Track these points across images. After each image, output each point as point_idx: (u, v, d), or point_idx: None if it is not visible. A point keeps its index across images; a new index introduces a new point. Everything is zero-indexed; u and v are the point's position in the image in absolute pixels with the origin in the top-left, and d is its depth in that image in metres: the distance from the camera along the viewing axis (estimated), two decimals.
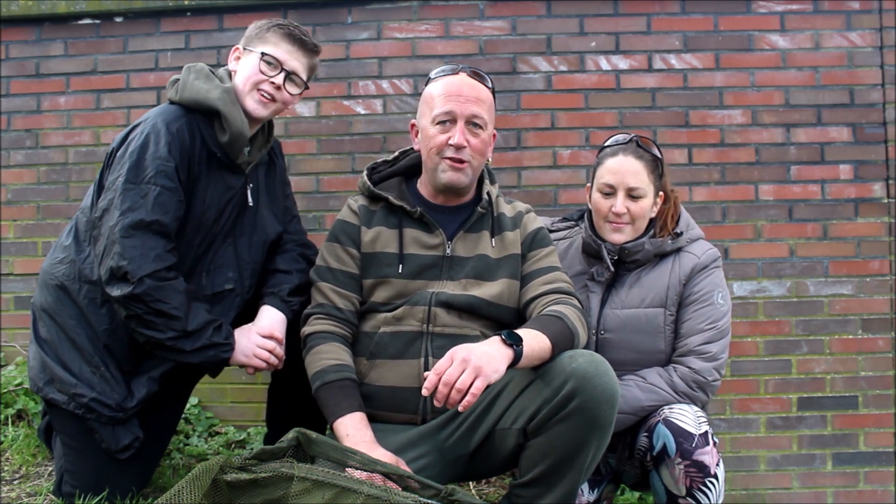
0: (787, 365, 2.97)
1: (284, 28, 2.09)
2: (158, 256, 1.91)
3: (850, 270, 2.99)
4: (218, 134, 2.05)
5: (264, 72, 2.06)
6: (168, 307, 1.90)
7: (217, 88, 2.04)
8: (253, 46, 2.09)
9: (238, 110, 2.04)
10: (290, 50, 2.09)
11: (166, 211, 1.94)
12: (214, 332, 1.97)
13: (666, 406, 2.02)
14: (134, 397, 2.04)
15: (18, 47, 3.16)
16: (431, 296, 1.94)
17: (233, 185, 2.11)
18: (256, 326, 2.06)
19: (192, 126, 2.02)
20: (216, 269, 2.11)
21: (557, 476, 1.74)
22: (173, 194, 1.95)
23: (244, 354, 2.02)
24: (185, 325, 1.92)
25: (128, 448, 2.04)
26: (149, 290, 1.88)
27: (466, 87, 1.98)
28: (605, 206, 2.16)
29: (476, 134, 1.97)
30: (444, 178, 1.99)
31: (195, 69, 2.11)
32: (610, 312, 2.15)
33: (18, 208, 3.14)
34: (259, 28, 2.12)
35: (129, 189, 1.93)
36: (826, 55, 3.03)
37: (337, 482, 1.58)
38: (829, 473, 2.96)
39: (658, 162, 2.18)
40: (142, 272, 1.88)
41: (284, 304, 2.10)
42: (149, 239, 1.91)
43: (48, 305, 2.08)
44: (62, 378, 2.02)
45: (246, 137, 2.06)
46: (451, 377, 1.57)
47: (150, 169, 1.93)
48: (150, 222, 1.91)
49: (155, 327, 1.92)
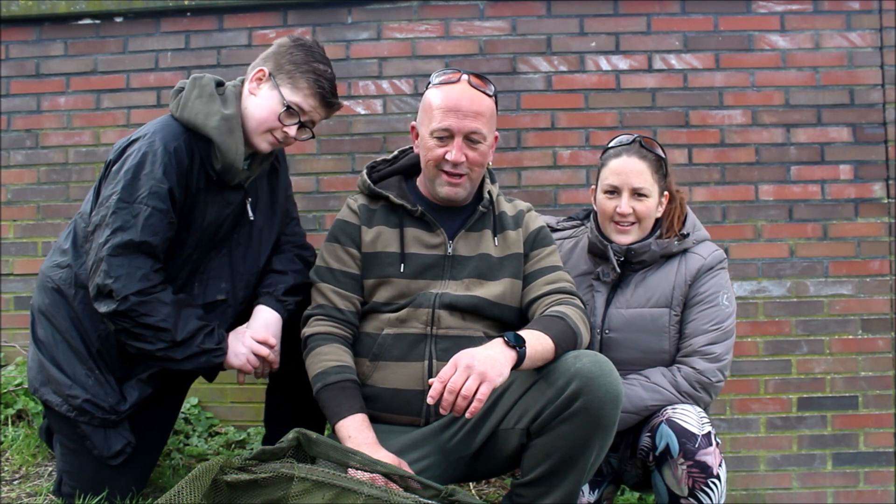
0: (787, 365, 2.98)
1: (319, 83, 2.01)
2: (145, 276, 1.91)
3: (850, 270, 2.99)
4: (213, 159, 2.02)
5: (282, 120, 2.02)
6: (155, 320, 1.90)
7: (216, 115, 1.99)
8: (281, 83, 2.01)
9: (234, 140, 2.00)
10: (315, 105, 2.04)
11: (156, 232, 1.93)
12: (206, 338, 1.97)
13: (669, 406, 2.02)
14: (126, 401, 2.04)
15: (18, 47, 3.15)
16: (435, 297, 1.94)
17: (232, 201, 2.09)
18: (251, 330, 2.05)
19: (190, 146, 1.99)
20: (209, 280, 2.10)
21: (560, 476, 1.74)
22: (164, 216, 1.94)
23: (238, 359, 2.02)
24: (174, 335, 1.92)
25: (120, 454, 2.04)
26: (133, 307, 1.89)
27: (466, 99, 1.94)
28: (609, 207, 2.15)
29: (474, 148, 1.96)
30: (441, 192, 2.00)
31: (200, 84, 2.04)
32: (615, 312, 2.15)
33: (18, 208, 3.14)
34: (294, 62, 2.02)
35: (121, 208, 1.92)
36: (826, 55, 3.03)
37: (337, 482, 1.58)
38: (829, 473, 2.96)
39: (662, 162, 2.18)
40: (126, 291, 1.88)
41: (279, 304, 2.09)
42: (136, 259, 1.91)
43: (45, 307, 2.08)
44: (57, 379, 2.03)
45: (238, 168, 2.03)
46: (455, 384, 1.58)
47: (143, 189, 1.92)
48: (138, 243, 1.91)
49: (144, 339, 1.92)
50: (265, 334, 2.04)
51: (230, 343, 2.02)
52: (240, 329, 2.06)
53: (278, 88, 2.01)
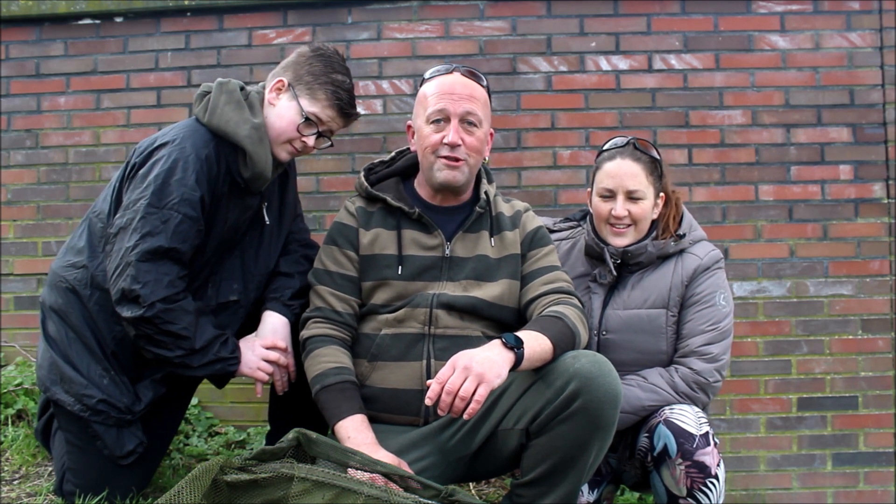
0: (787, 365, 2.98)
1: (338, 95, 2.04)
2: (171, 283, 1.92)
3: (850, 271, 2.99)
4: (241, 167, 2.04)
5: (301, 131, 2.05)
6: (177, 328, 1.91)
7: (247, 123, 2.00)
8: (300, 94, 2.04)
9: (264, 149, 2.03)
10: (333, 116, 2.07)
11: (185, 240, 1.93)
12: (221, 346, 1.99)
13: (667, 406, 2.02)
14: (141, 401, 2.05)
15: (18, 47, 3.16)
16: (433, 297, 1.94)
17: (250, 206, 2.12)
18: (259, 337, 2.07)
19: (219, 153, 2.01)
20: (222, 281, 2.11)
21: (559, 476, 1.74)
22: (194, 223, 1.95)
23: (249, 367, 2.03)
24: (193, 343, 1.93)
25: (132, 453, 2.05)
26: (159, 314, 1.89)
27: (459, 85, 1.97)
28: (605, 210, 2.16)
29: (471, 132, 1.97)
30: (440, 177, 1.98)
31: (227, 89, 2.04)
32: (612, 313, 2.15)
33: (18, 208, 3.14)
34: (313, 74, 2.04)
35: (150, 213, 1.91)
36: (826, 55, 3.03)
37: (337, 483, 1.58)
38: (829, 474, 2.96)
39: (657, 163, 2.18)
40: (154, 297, 1.88)
41: (287, 309, 2.10)
42: (164, 265, 1.91)
43: (58, 306, 2.08)
44: (72, 378, 2.02)
45: (267, 177, 2.06)
46: (453, 385, 1.58)
47: (175, 196, 1.92)
48: (168, 249, 1.91)
49: (164, 346, 1.93)
50: (273, 339, 2.06)
51: (242, 351, 2.03)
52: (249, 337, 2.07)
53: (297, 99, 2.04)
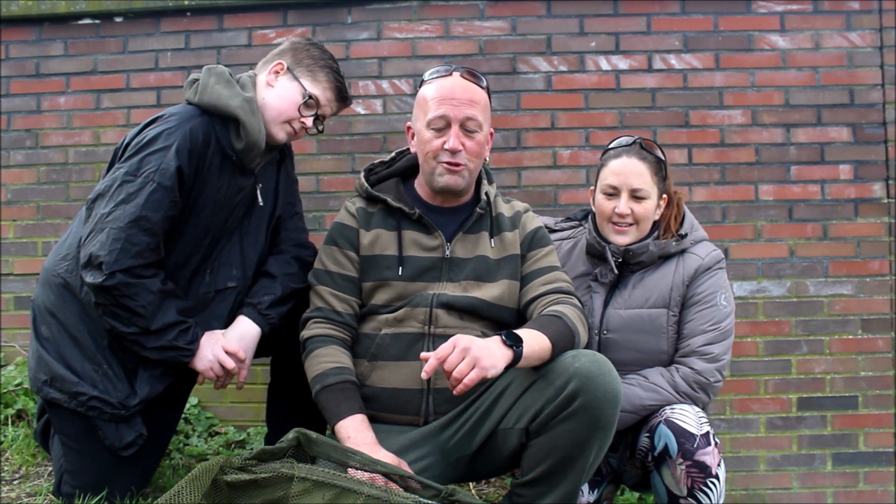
0: (787, 365, 2.98)
1: (337, 79, 2.12)
2: (139, 253, 1.91)
3: (850, 270, 2.99)
4: (234, 140, 2.05)
5: (301, 112, 2.09)
6: (134, 304, 1.91)
7: (238, 96, 2.03)
8: (300, 76, 2.09)
9: (257, 121, 2.04)
10: (331, 99, 2.14)
11: (157, 209, 1.93)
12: (180, 334, 1.97)
13: (667, 406, 2.02)
14: (137, 395, 2.02)
15: (18, 47, 3.15)
16: (432, 297, 1.94)
17: (244, 186, 2.11)
18: (225, 339, 2.05)
19: (207, 127, 2.01)
20: (220, 267, 2.11)
21: (559, 476, 1.74)
22: (168, 193, 1.94)
23: (202, 363, 2.02)
24: (148, 323, 1.93)
25: (131, 445, 2.03)
26: (118, 285, 1.89)
27: (459, 89, 1.97)
28: (608, 208, 2.16)
29: (471, 136, 1.97)
30: (441, 182, 1.99)
31: (216, 72, 2.08)
32: (613, 312, 2.15)
33: (18, 208, 3.14)
34: (312, 57, 2.11)
35: (127, 181, 1.93)
36: (826, 55, 3.03)
37: (337, 482, 1.58)
38: (829, 473, 2.96)
39: (661, 164, 2.18)
40: (116, 267, 1.88)
41: (262, 318, 2.09)
42: (134, 234, 1.91)
43: (50, 304, 2.07)
44: (63, 376, 2.01)
45: (261, 148, 2.06)
46: (450, 364, 1.60)
47: (151, 164, 1.93)
48: (138, 217, 1.91)
49: (119, 319, 1.94)
50: (237, 347, 2.04)
51: (202, 345, 2.02)
52: (216, 333, 2.06)
53: (298, 80, 2.09)
